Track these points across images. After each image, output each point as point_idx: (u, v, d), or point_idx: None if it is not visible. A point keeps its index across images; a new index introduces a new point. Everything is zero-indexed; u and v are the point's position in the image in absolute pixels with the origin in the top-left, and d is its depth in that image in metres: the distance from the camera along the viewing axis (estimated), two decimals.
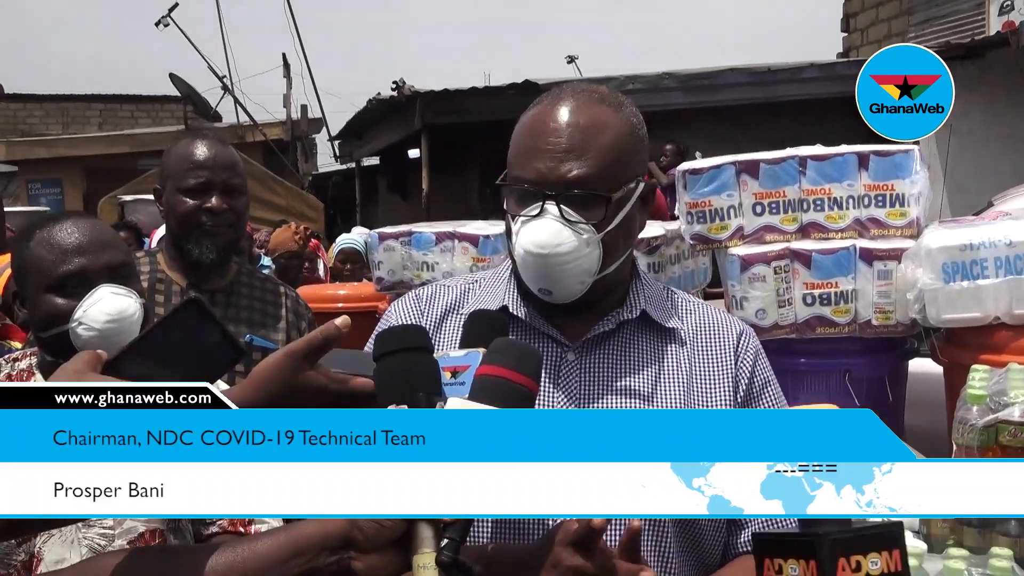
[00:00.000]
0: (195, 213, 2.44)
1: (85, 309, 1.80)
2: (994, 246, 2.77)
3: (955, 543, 2.12)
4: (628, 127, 1.39)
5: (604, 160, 1.34)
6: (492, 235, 3.83)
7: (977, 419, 2.15)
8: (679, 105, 9.28)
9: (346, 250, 5.97)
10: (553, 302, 1.38)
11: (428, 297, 1.51)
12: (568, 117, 1.35)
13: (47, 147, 16.35)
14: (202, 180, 2.44)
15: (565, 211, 1.32)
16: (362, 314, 4.60)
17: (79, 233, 1.84)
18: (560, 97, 1.39)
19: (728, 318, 1.52)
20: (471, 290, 1.50)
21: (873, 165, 3.07)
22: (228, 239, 2.51)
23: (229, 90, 15.83)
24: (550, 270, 1.33)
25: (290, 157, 15.77)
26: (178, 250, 2.51)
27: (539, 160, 1.34)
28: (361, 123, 14.01)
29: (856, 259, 3.03)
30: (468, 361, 1.14)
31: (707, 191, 3.18)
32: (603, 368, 1.41)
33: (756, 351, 1.48)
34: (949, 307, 2.83)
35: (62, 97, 20.48)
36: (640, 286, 1.47)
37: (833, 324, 3.07)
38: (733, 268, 3.14)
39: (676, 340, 1.45)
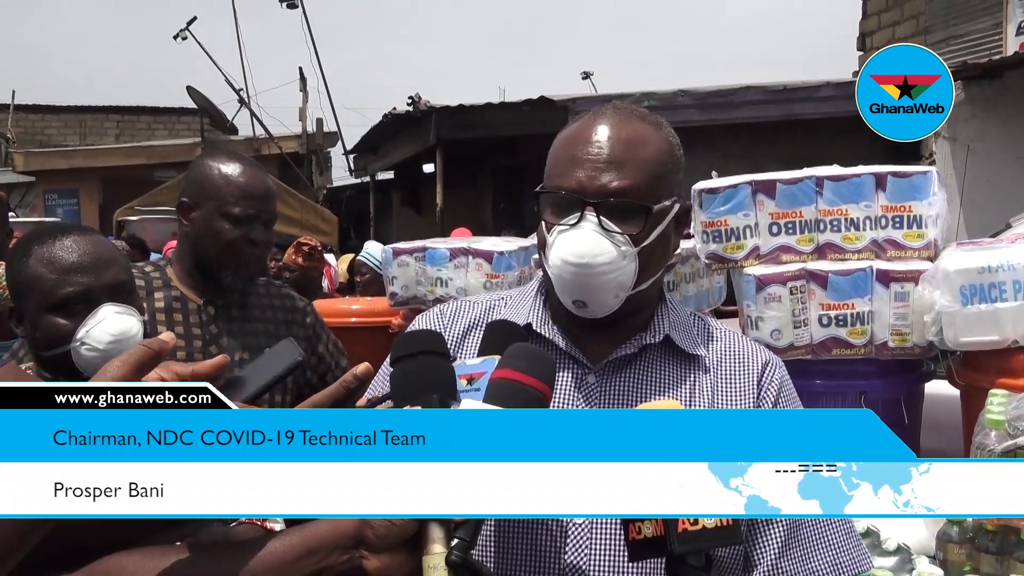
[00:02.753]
0: (239, 242, 2.41)
1: (88, 329, 1.79)
2: (1013, 269, 2.74)
3: (972, 569, 2.10)
4: (668, 145, 1.39)
5: (644, 173, 1.34)
6: (506, 251, 3.82)
7: (995, 444, 2.13)
8: (695, 123, 9.26)
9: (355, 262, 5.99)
10: (586, 316, 1.36)
11: (452, 312, 1.50)
12: (610, 131, 1.35)
13: (65, 158, 16.49)
14: (252, 212, 2.42)
15: (604, 221, 1.31)
16: (375, 329, 4.60)
17: (80, 251, 1.82)
18: (601, 113, 1.39)
19: (755, 347, 1.49)
20: (496, 307, 1.49)
21: (890, 186, 3.05)
22: (259, 268, 2.52)
23: (245, 103, 15.94)
24: (587, 280, 1.32)
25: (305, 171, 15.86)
26: (200, 270, 2.48)
27: (579, 170, 1.33)
28: (376, 137, 14.07)
29: (873, 280, 3.01)
30: (484, 368, 1.14)
31: (723, 210, 3.17)
32: (623, 392, 1.39)
33: (781, 381, 1.45)
34: (967, 330, 2.80)
35: (80, 108, 20.66)
36: (666, 310, 1.46)
37: (849, 345, 3.05)
38: (749, 288, 3.13)
39: (700, 367, 1.43)
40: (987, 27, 9.47)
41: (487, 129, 10.66)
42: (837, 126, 9.48)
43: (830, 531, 1.38)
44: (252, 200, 2.42)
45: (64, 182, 16.20)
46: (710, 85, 9.83)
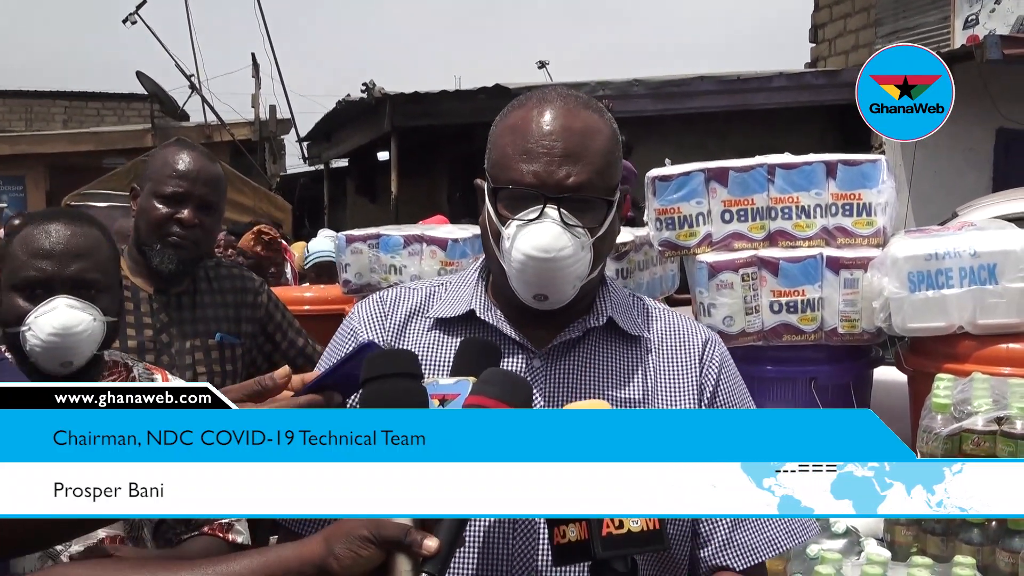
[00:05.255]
0: (166, 221, 2.40)
1: (35, 317, 1.78)
2: (959, 256, 2.79)
3: (919, 551, 2.14)
4: (613, 132, 1.39)
5: (599, 165, 1.34)
6: (461, 239, 3.80)
7: (941, 428, 2.16)
8: (649, 112, 9.30)
9: (320, 264, 5.73)
10: (545, 308, 1.36)
11: (392, 300, 1.48)
12: (562, 121, 1.34)
13: (10, 143, 16.12)
14: (181, 190, 2.41)
15: (565, 215, 1.31)
16: (328, 317, 4.56)
17: (54, 238, 1.82)
18: (547, 100, 1.37)
19: (695, 325, 1.51)
20: (436, 293, 1.48)
21: (841, 174, 3.09)
22: (192, 255, 2.47)
23: (197, 89, 15.69)
24: (551, 275, 1.32)
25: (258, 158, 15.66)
26: (141, 255, 2.47)
27: (535, 163, 1.32)
28: (330, 124, 13.94)
29: (823, 267, 3.05)
30: (457, 390, 1.14)
31: (676, 198, 3.18)
32: (569, 375, 1.40)
33: (722, 358, 1.47)
34: (914, 316, 2.85)
35: (26, 93, 20.18)
36: (607, 292, 1.46)
37: (799, 332, 3.08)
38: (701, 275, 3.15)
39: (642, 347, 1.44)
40: (936, 20, 9.63)
41: (442, 117, 10.61)
42: (790, 116, 9.60)
43: None
44: (183, 180, 2.41)
45: (9, 168, 15.83)
46: (664, 75, 9.88)
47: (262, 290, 2.68)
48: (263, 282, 2.74)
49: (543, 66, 17.02)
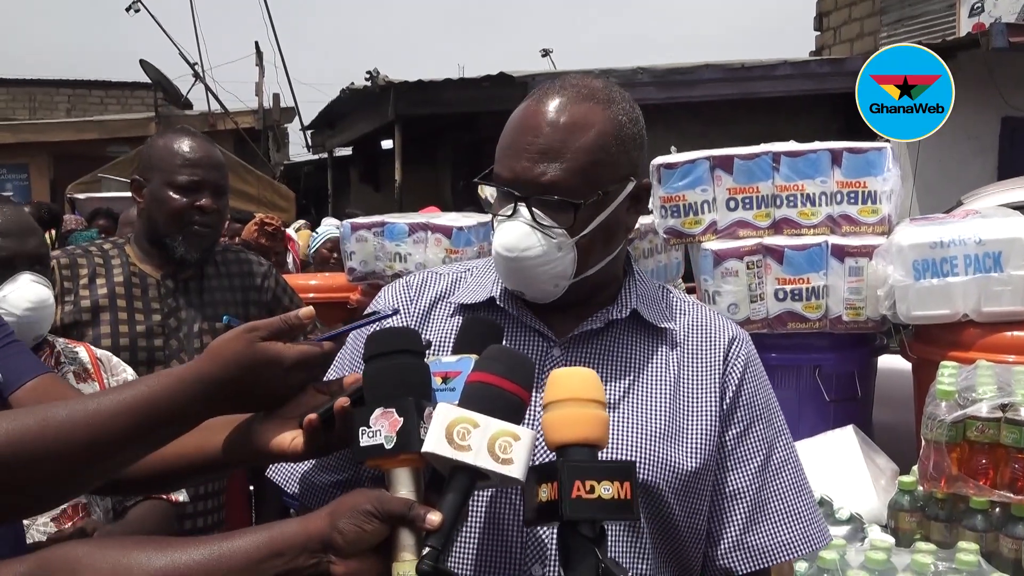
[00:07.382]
0: (187, 211, 2.43)
1: (6, 294, 1.89)
2: (964, 244, 2.79)
3: (922, 537, 2.15)
4: (613, 126, 1.32)
5: (579, 163, 1.29)
6: (465, 227, 3.81)
7: (946, 415, 2.17)
8: (654, 100, 9.26)
9: (333, 238, 5.82)
10: (538, 301, 1.36)
11: (418, 284, 1.48)
12: (550, 115, 1.31)
13: (13, 132, 16.13)
14: (196, 178, 2.44)
15: (537, 214, 1.29)
16: (334, 304, 4.57)
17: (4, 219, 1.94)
18: (549, 93, 1.34)
19: (724, 321, 1.47)
20: (462, 279, 1.48)
21: (846, 162, 3.08)
22: (212, 240, 2.51)
23: (200, 78, 15.69)
24: (520, 273, 1.32)
25: (262, 146, 15.67)
26: (154, 244, 2.49)
27: (516, 160, 1.31)
28: (334, 113, 13.92)
29: (828, 255, 3.05)
30: (460, 367, 1.14)
31: (681, 185, 3.18)
32: (588, 365, 1.35)
33: (748, 357, 1.43)
34: (919, 304, 2.85)
35: (29, 82, 20.20)
36: (633, 284, 1.44)
37: (804, 320, 3.08)
38: (706, 263, 3.15)
39: (667, 341, 1.41)
40: (941, 8, 9.60)
41: (446, 105, 10.59)
42: (795, 104, 9.57)
43: (797, 506, 1.40)
44: (196, 168, 2.44)
45: (13, 157, 15.85)
46: (669, 63, 9.85)
47: (270, 274, 2.70)
48: (271, 266, 2.76)
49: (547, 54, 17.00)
